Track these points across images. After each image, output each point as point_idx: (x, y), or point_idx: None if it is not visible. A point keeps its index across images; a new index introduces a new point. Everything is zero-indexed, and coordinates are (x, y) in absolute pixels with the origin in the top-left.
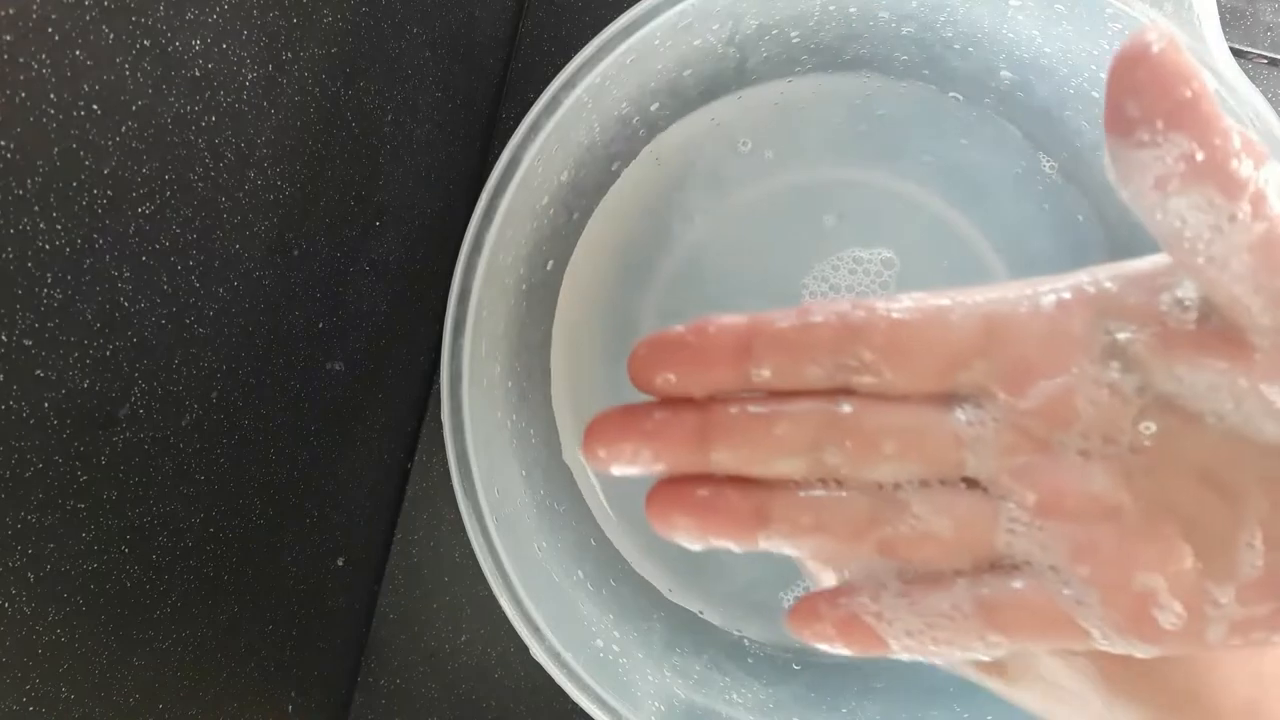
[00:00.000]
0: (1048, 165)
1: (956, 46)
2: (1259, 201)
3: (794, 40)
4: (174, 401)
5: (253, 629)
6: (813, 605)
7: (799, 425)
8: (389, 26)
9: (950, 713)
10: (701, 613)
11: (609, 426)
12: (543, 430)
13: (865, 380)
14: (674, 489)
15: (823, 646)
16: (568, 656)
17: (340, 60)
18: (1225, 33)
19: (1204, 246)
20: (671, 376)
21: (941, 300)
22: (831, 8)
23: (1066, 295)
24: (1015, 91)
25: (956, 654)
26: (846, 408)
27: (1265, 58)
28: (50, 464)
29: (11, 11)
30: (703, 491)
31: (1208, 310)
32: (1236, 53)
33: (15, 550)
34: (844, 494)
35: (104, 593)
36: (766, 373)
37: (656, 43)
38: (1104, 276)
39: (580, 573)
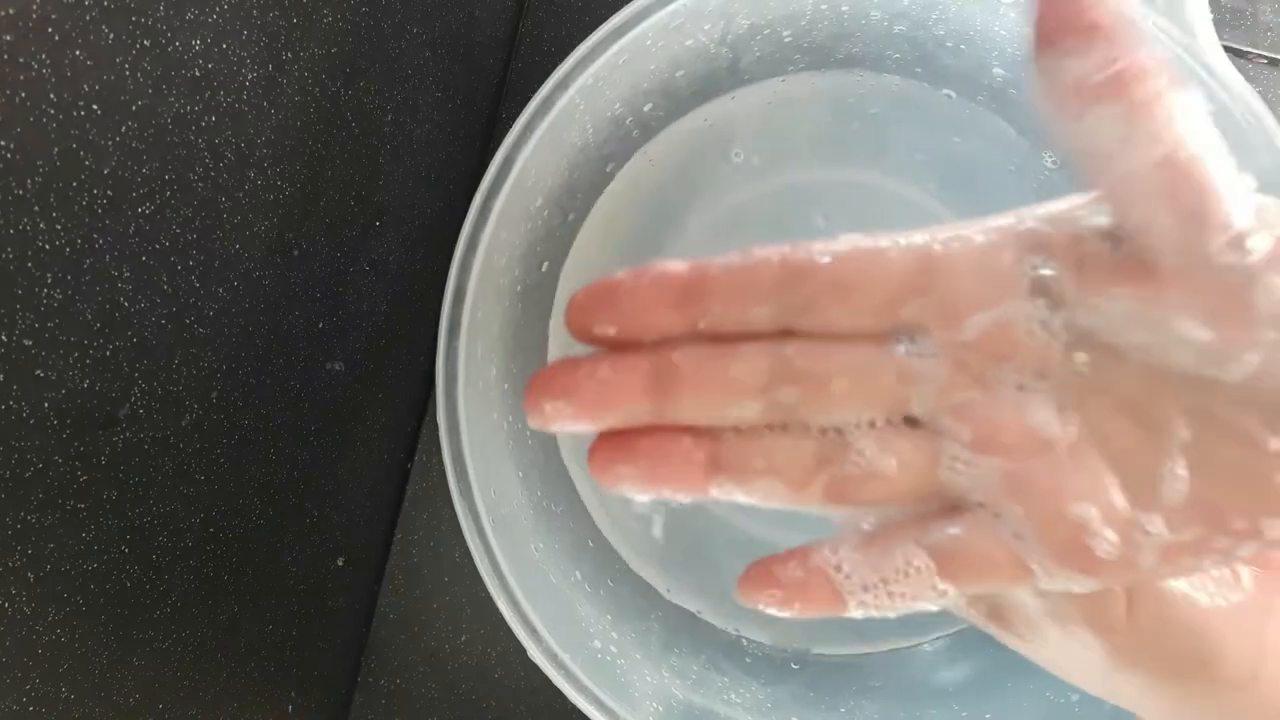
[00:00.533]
0: (1049, 160)
1: (949, 44)
2: (1167, 121)
3: (786, 39)
4: (174, 401)
5: (253, 629)
6: (766, 568)
7: (752, 367)
8: (389, 26)
9: (949, 711)
10: (699, 612)
11: (555, 380)
12: (539, 432)
13: (808, 321)
14: (620, 438)
15: (778, 611)
16: (565, 657)
17: (340, 60)
18: (1225, 33)
19: (1115, 164)
20: (612, 328)
21: (879, 240)
22: (823, 7)
23: (995, 234)
24: (1008, 88)
25: (910, 605)
26: (792, 350)
27: (1265, 58)
28: (50, 464)
29: (11, 11)
30: (650, 440)
31: (1120, 238)
32: (1237, 53)
33: (15, 550)
34: (792, 439)
35: (104, 593)
36: (712, 318)
37: (649, 43)
38: (1028, 215)
39: (578, 573)
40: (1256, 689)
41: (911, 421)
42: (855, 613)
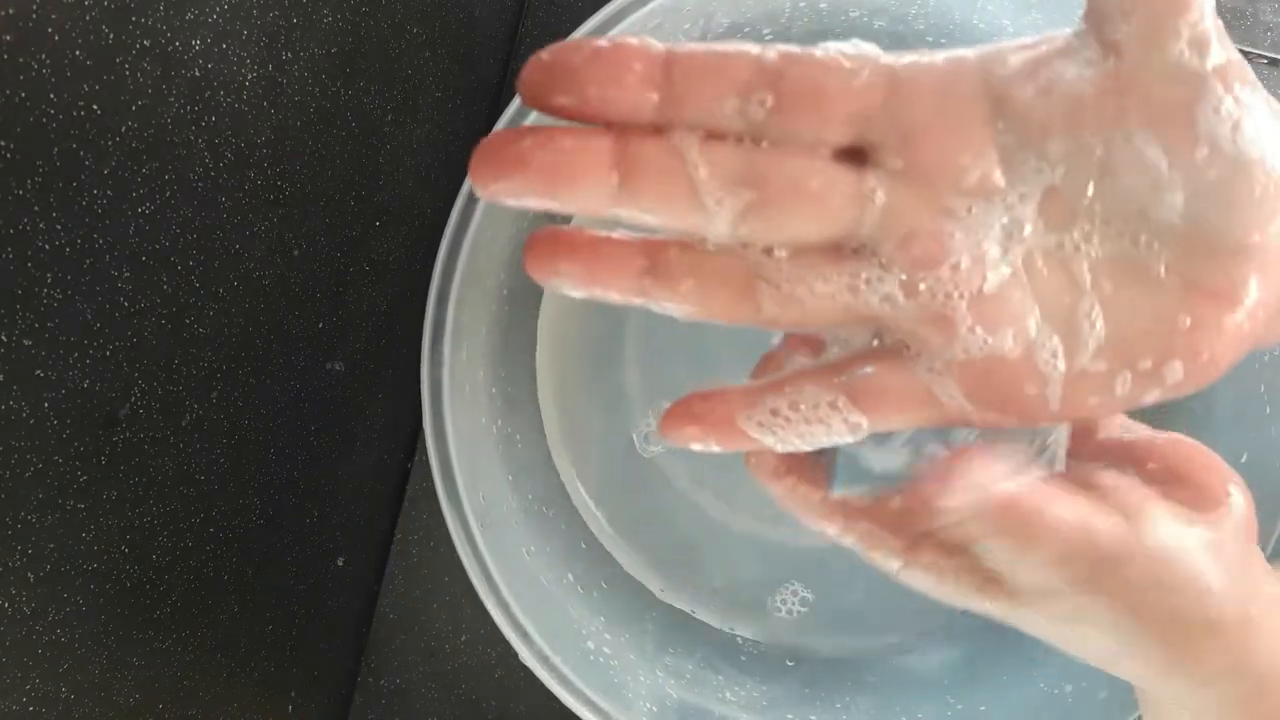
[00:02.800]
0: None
1: (929, 39)
2: None
3: (766, 37)
4: (174, 401)
5: (252, 629)
6: (686, 405)
7: (714, 166)
8: (389, 26)
9: (943, 704)
10: (694, 612)
11: (509, 146)
12: (529, 435)
13: (775, 125)
14: (561, 231)
15: (699, 446)
16: (556, 660)
17: (340, 60)
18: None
19: None
20: (573, 97)
21: (848, 50)
22: (802, 4)
23: (957, 62)
24: None
25: (825, 437)
26: (760, 156)
27: (1265, 58)
28: (50, 464)
29: (11, 11)
30: (592, 235)
31: (1079, 51)
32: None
33: (15, 550)
34: (730, 258)
35: (104, 593)
36: (681, 104)
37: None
38: (990, 47)
39: (570, 576)
40: (1247, 630)
41: (849, 246)
42: (767, 441)
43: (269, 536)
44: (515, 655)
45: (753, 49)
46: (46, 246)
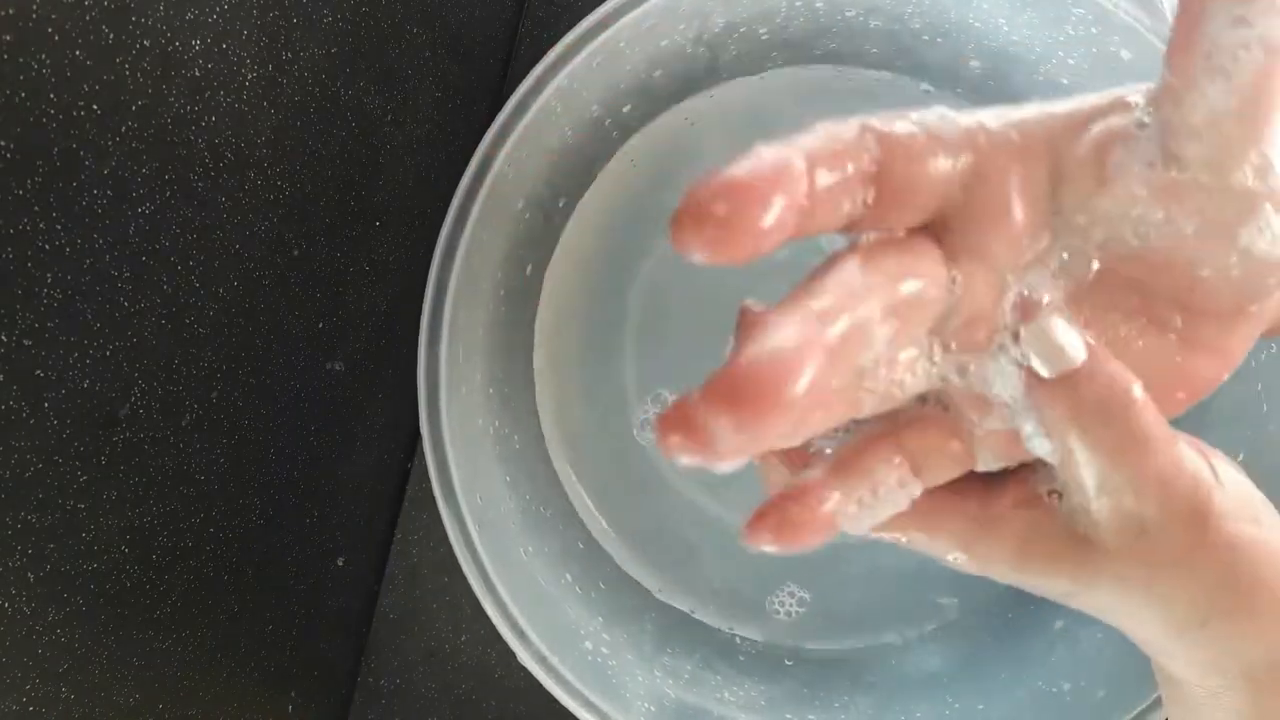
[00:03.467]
0: None
1: (925, 37)
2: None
3: (763, 37)
4: (174, 401)
5: (252, 629)
6: (781, 509)
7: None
8: (389, 26)
9: (942, 703)
10: (692, 612)
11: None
12: (527, 435)
13: (869, 219)
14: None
15: (781, 550)
16: (554, 660)
17: (340, 60)
18: None
19: (1215, 55)
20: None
21: (935, 124)
22: (798, 3)
23: (1032, 124)
24: (987, 80)
25: (886, 513)
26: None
27: None
28: (50, 464)
29: (11, 11)
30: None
31: (1160, 158)
32: None
33: (15, 550)
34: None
35: (104, 593)
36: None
37: (622, 45)
38: (1058, 109)
39: (568, 576)
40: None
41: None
42: (852, 528)
43: (269, 536)
44: (515, 655)
45: (856, 134)
46: (46, 246)
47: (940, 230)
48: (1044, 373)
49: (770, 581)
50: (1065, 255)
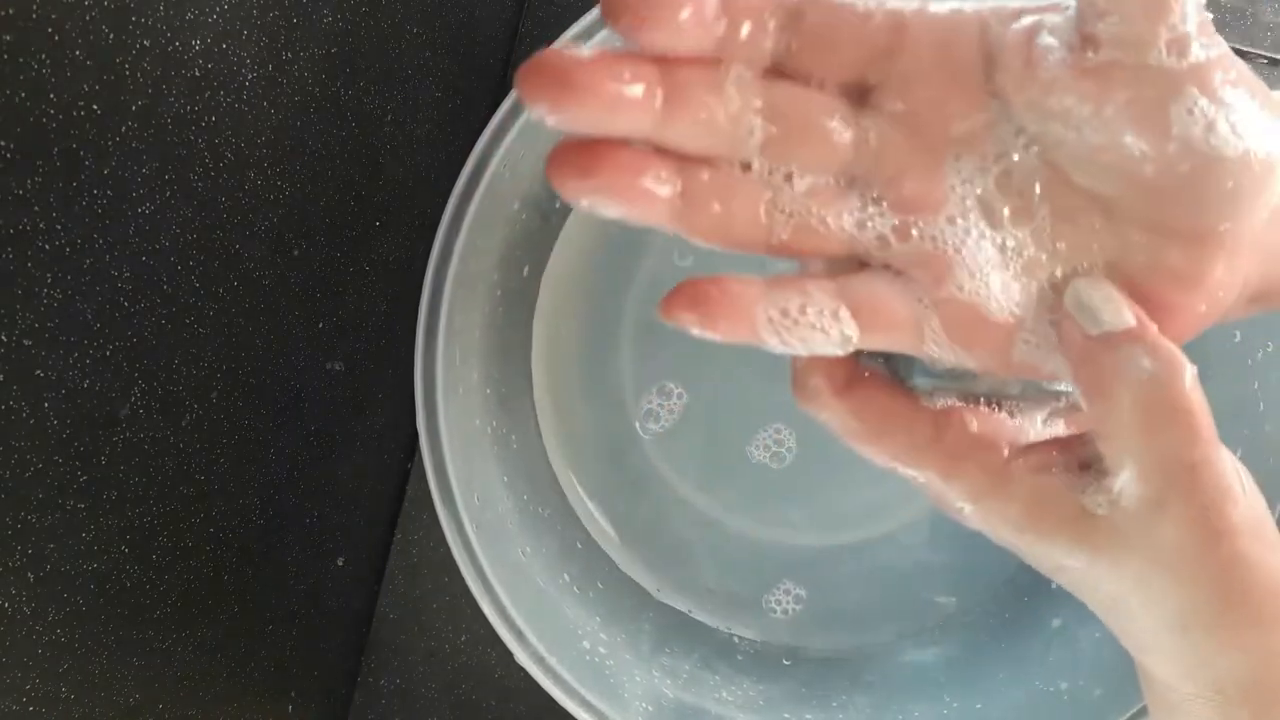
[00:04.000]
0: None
1: None
2: None
3: None
4: (174, 401)
5: (253, 629)
6: (698, 285)
7: (745, 98)
8: (389, 26)
9: (940, 703)
10: (690, 612)
11: (555, 66)
12: (525, 435)
13: (794, 63)
14: (597, 145)
15: (698, 330)
16: (552, 660)
17: (340, 60)
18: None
19: None
20: (656, 34)
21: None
22: None
23: (957, 17)
24: None
25: (820, 342)
26: (780, 91)
27: (1265, 57)
28: (50, 464)
29: (11, 11)
30: (625, 154)
31: (1066, 33)
32: (1237, 52)
33: (15, 550)
34: (751, 185)
35: (104, 593)
36: (735, 48)
37: (620, 43)
38: (986, 8)
39: (566, 576)
40: None
41: (848, 181)
42: (769, 340)
43: (269, 536)
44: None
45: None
46: (46, 246)
47: (870, 94)
48: (1089, 329)
49: (768, 581)
50: (1002, 141)
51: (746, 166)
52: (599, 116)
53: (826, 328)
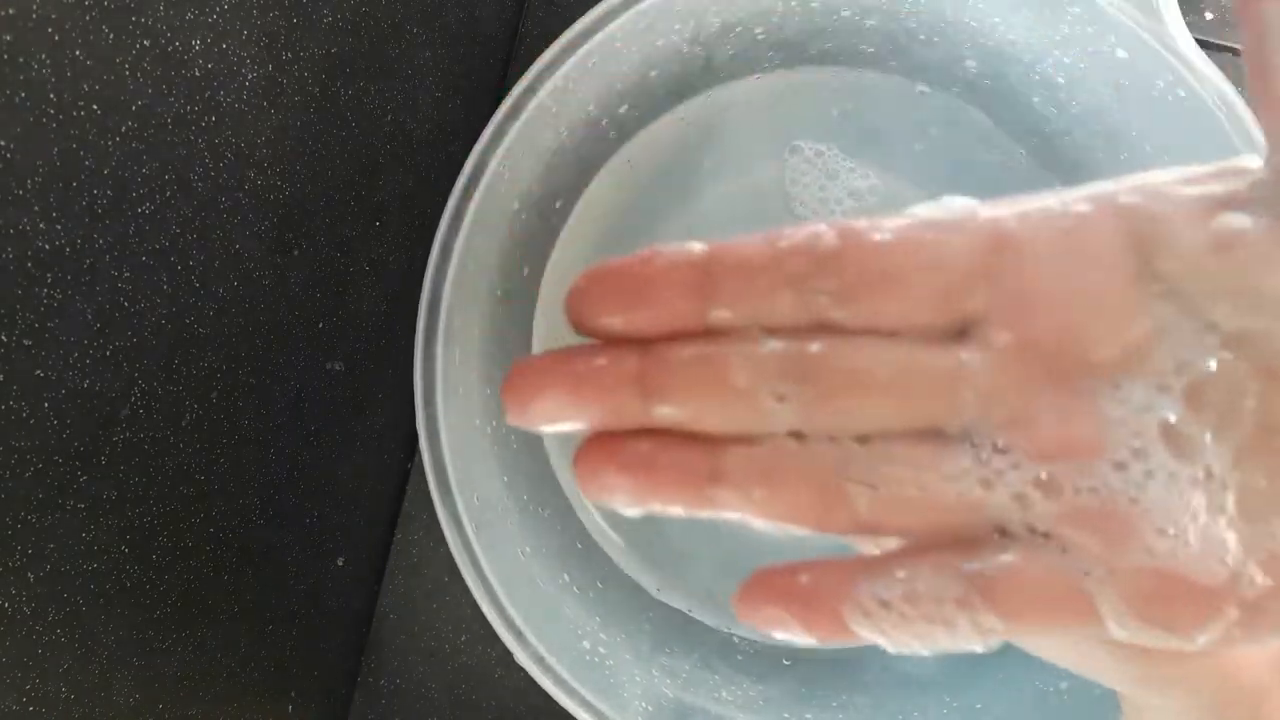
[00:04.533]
0: (1021, 153)
1: (921, 36)
2: None
3: (759, 37)
4: (174, 401)
5: (253, 629)
6: (769, 580)
7: (758, 364)
8: (389, 26)
9: (940, 702)
10: (690, 611)
11: (532, 373)
12: (524, 435)
13: (846, 314)
14: (609, 443)
15: (782, 634)
16: (552, 660)
17: (340, 60)
18: (1222, 33)
19: None
20: (618, 318)
21: (935, 214)
22: (793, 3)
23: (1086, 206)
24: (983, 79)
25: (948, 641)
26: (817, 346)
27: None
28: (50, 464)
29: (11, 11)
30: (643, 446)
31: (1260, 207)
32: (1234, 52)
33: (15, 550)
34: (810, 448)
35: (104, 593)
36: (727, 312)
37: (618, 45)
38: (1127, 185)
39: (566, 576)
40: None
41: (955, 434)
42: (875, 639)
43: (269, 536)
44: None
45: (810, 232)
46: (46, 246)
47: (972, 332)
48: None
49: None
50: (1183, 353)
51: (798, 435)
52: (578, 414)
53: (952, 620)
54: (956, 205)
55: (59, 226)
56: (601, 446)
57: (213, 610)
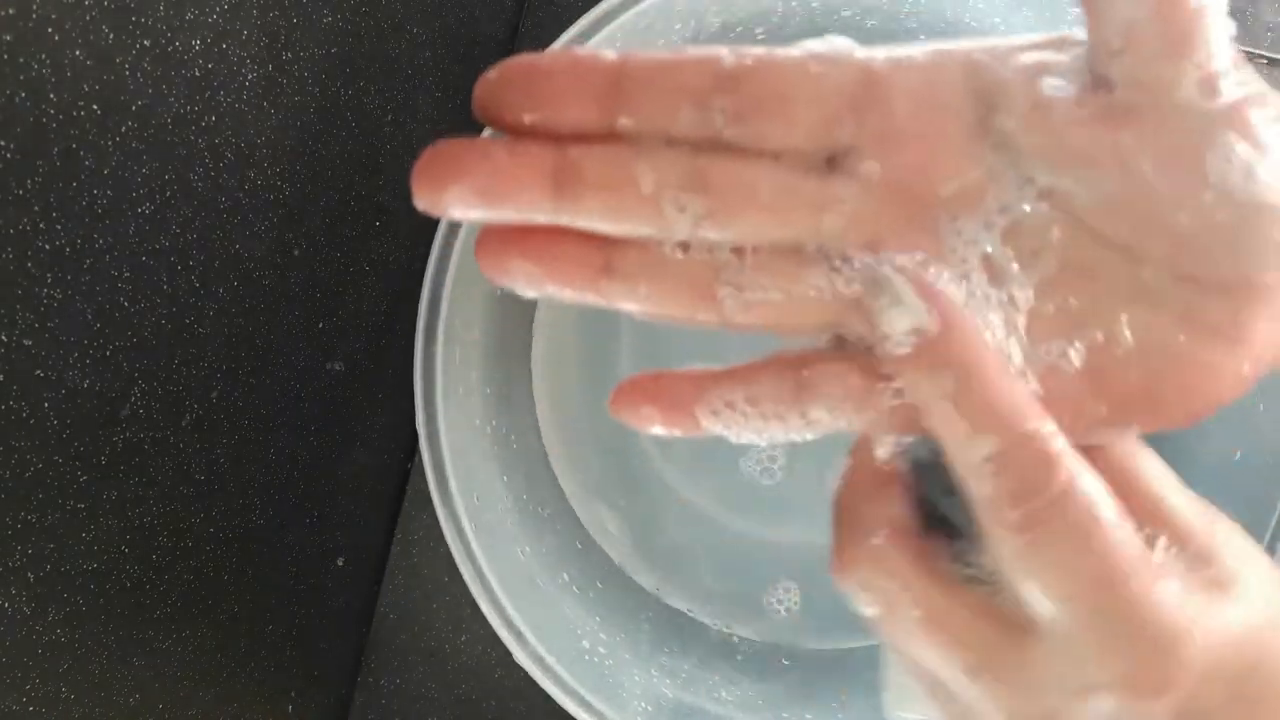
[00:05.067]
0: None
1: (922, 37)
2: None
3: (759, 38)
4: (174, 401)
5: (253, 629)
6: (638, 383)
7: (662, 174)
8: (389, 26)
9: None
10: (690, 611)
11: (447, 159)
12: (524, 435)
13: (736, 132)
14: (513, 231)
15: (645, 428)
16: (551, 660)
17: (340, 60)
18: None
19: None
20: (525, 113)
21: (819, 49)
22: (794, 3)
23: (941, 58)
24: None
25: (779, 434)
26: (707, 160)
27: (1265, 57)
28: (50, 464)
29: (11, 11)
30: (545, 236)
31: (1079, 73)
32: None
33: (15, 550)
34: (691, 255)
35: (104, 593)
36: (633, 121)
37: (618, 45)
38: (978, 47)
39: (566, 576)
40: None
41: (815, 251)
42: (721, 431)
43: (269, 536)
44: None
45: (712, 53)
46: (46, 246)
47: (842, 159)
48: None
49: (767, 580)
50: (1008, 193)
51: (685, 246)
52: (486, 205)
53: (784, 416)
54: (838, 43)
55: (59, 226)
56: (506, 234)
57: (213, 610)
